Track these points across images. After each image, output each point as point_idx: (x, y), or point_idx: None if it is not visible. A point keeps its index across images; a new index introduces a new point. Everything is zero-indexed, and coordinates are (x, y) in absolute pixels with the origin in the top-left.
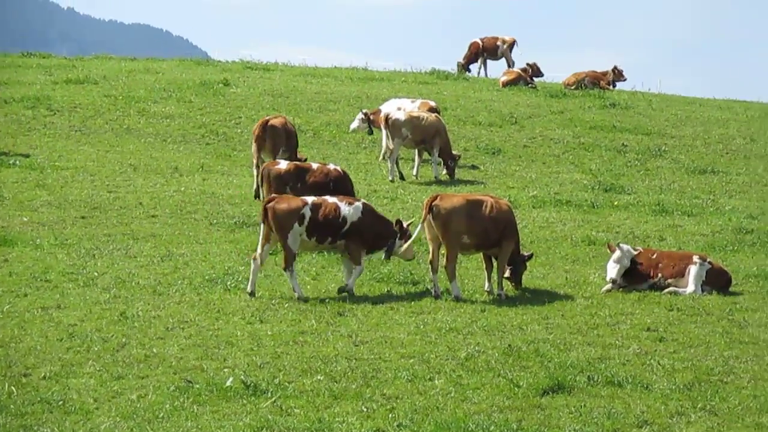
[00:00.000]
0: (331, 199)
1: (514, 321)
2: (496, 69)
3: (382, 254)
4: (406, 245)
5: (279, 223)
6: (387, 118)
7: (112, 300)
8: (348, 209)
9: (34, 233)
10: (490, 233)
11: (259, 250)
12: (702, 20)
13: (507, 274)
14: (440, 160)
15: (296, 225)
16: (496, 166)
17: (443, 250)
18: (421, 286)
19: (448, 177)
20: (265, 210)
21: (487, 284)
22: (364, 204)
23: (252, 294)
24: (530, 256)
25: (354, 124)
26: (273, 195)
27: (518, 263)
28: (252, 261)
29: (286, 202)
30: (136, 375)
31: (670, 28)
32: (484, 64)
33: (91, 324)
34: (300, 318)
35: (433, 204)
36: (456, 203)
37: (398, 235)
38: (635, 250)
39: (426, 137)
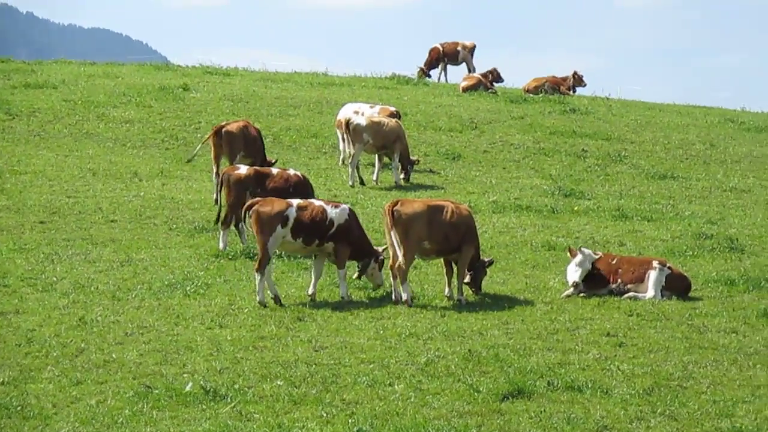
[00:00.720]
0: (317, 202)
1: (474, 326)
2: (457, 74)
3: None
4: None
5: (261, 225)
6: (348, 123)
7: (71, 305)
8: (334, 212)
9: None
10: (450, 239)
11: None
12: (662, 26)
13: (467, 279)
14: (400, 165)
15: (279, 228)
16: (456, 171)
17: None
18: (380, 291)
19: (405, 182)
20: (247, 212)
21: (447, 289)
22: (349, 208)
23: (266, 303)
24: (490, 263)
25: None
26: (258, 198)
27: (478, 269)
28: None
29: (270, 205)
30: (95, 380)
31: (630, 33)
32: (445, 69)
33: (49, 329)
34: (260, 323)
35: (394, 209)
36: (417, 209)
37: (374, 258)
38: (596, 254)
39: (387, 143)
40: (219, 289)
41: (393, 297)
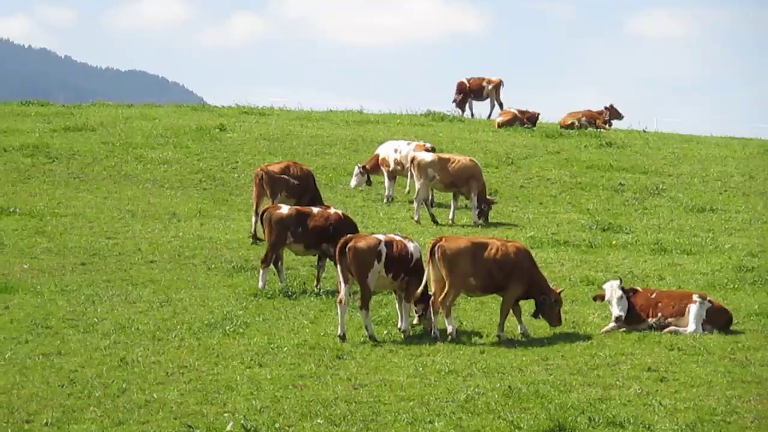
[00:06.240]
0: (397, 237)
1: (513, 362)
2: (482, 109)
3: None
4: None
5: (360, 261)
6: (413, 159)
7: (112, 346)
8: (412, 246)
9: (34, 280)
10: (495, 276)
11: (342, 292)
12: (698, 58)
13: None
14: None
15: (376, 263)
16: (493, 207)
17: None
18: (419, 328)
19: (483, 222)
20: (343, 250)
21: (519, 326)
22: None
23: (342, 337)
24: (559, 294)
25: (353, 181)
26: (349, 235)
27: (548, 303)
28: (338, 305)
29: (365, 240)
30: (136, 420)
31: (665, 66)
32: (471, 104)
33: (91, 370)
34: (299, 362)
35: (438, 245)
36: (462, 245)
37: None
38: (632, 289)
39: (456, 180)
40: (258, 328)
41: (432, 334)
